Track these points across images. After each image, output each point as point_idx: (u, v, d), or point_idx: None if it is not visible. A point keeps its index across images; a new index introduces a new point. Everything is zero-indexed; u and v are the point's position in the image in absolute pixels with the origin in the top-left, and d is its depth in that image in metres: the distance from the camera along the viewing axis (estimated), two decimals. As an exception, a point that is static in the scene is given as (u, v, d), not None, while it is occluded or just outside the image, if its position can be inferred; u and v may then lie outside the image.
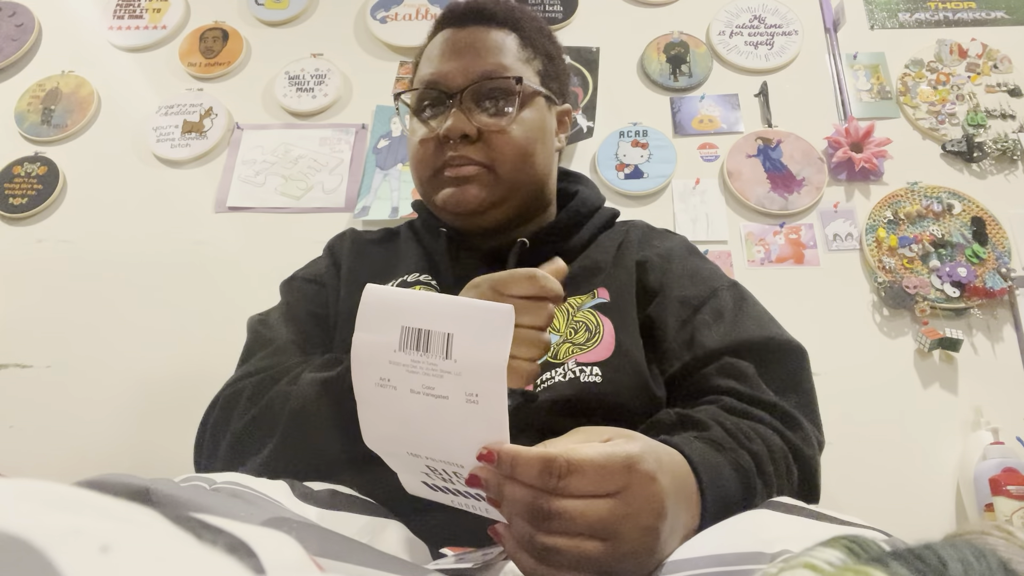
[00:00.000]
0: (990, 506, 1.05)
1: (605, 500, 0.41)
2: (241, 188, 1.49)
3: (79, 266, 1.44)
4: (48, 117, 1.57)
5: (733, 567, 0.37)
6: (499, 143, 0.75)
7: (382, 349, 0.44)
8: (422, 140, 0.78)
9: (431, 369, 0.43)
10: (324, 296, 0.81)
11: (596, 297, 0.73)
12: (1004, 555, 0.27)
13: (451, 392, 0.43)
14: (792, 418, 0.62)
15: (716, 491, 0.49)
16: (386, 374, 0.44)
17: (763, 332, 0.69)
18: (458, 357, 0.42)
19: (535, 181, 0.80)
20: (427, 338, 0.43)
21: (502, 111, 0.76)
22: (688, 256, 0.80)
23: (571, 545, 0.41)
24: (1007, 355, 1.25)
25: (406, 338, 0.44)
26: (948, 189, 1.37)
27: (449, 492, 0.48)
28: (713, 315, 0.71)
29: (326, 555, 0.41)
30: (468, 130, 0.74)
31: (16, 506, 0.19)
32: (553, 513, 0.41)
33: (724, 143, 1.46)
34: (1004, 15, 1.54)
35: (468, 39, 0.78)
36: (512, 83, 0.76)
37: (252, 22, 1.67)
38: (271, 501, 0.49)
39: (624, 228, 0.84)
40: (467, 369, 0.42)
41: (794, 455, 0.60)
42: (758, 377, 0.65)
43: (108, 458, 1.27)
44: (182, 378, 1.31)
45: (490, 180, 0.75)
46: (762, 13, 1.59)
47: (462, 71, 0.76)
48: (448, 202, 0.76)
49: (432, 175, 0.77)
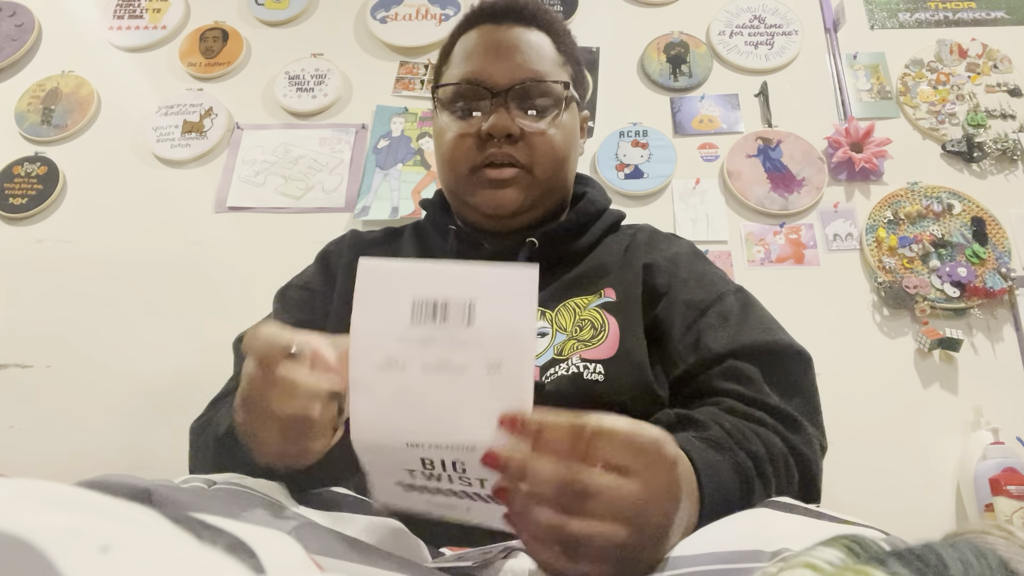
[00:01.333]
0: (990, 506, 1.05)
1: (632, 480, 0.39)
2: (241, 188, 1.49)
3: (79, 266, 1.44)
4: (48, 117, 1.57)
5: (733, 565, 0.37)
6: (541, 145, 0.75)
7: (390, 326, 0.40)
8: (461, 135, 0.76)
9: (449, 341, 0.40)
10: (314, 303, 0.81)
11: (602, 296, 0.73)
12: (1004, 555, 0.27)
13: (471, 363, 0.40)
14: (794, 421, 0.62)
15: (715, 490, 0.49)
16: (393, 353, 0.41)
17: (768, 336, 0.69)
18: (480, 325, 0.40)
19: (565, 186, 0.81)
20: (444, 308, 0.40)
21: (545, 114, 0.76)
22: (695, 260, 0.80)
23: (601, 530, 0.39)
24: (1007, 355, 1.25)
25: (420, 311, 0.40)
26: (948, 189, 1.37)
27: (431, 492, 0.45)
28: (719, 319, 0.71)
29: (326, 554, 0.42)
30: (513, 129, 0.74)
31: (16, 506, 0.19)
32: (589, 489, 0.38)
33: (724, 143, 1.46)
34: (1004, 15, 1.54)
35: (509, 38, 0.77)
36: (559, 87, 0.77)
37: (252, 22, 1.67)
38: (271, 501, 0.49)
39: (631, 231, 0.84)
40: (490, 337, 0.40)
41: (795, 457, 0.60)
42: (762, 381, 0.65)
43: (108, 458, 1.27)
44: (182, 378, 1.31)
45: (528, 183, 0.76)
46: (762, 13, 1.59)
47: (507, 71, 0.75)
48: (486, 204, 0.76)
49: (470, 172, 0.76)
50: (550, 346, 0.70)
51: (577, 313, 0.72)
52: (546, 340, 0.71)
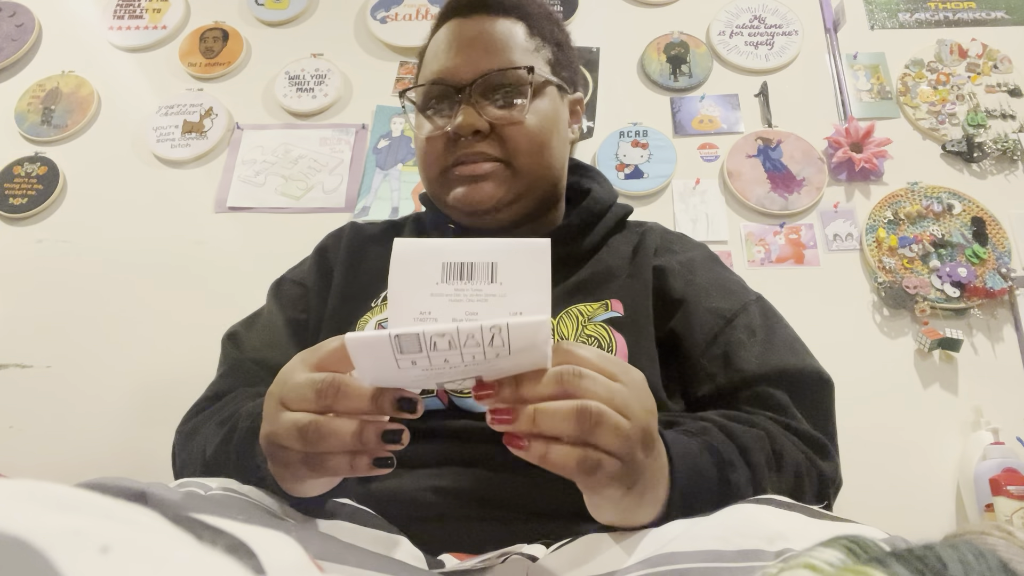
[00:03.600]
0: (990, 506, 1.05)
1: (616, 380, 0.43)
2: (241, 188, 1.49)
3: (79, 266, 1.44)
4: (48, 117, 1.57)
5: (736, 564, 0.37)
6: (514, 135, 0.72)
7: (423, 284, 0.45)
8: (429, 137, 0.74)
9: (476, 295, 0.44)
10: (308, 300, 0.80)
11: (610, 310, 0.70)
12: (1004, 555, 0.27)
13: (496, 313, 0.44)
14: (823, 448, 0.62)
15: (682, 455, 0.50)
16: (426, 307, 0.45)
17: (799, 362, 0.68)
18: (503, 279, 0.44)
19: (552, 175, 0.77)
20: (471, 268, 0.45)
21: (513, 102, 0.73)
22: (712, 266, 0.78)
23: (612, 415, 0.41)
24: (1007, 355, 1.25)
25: (448, 271, 0.45)
26: (948, 189, 1.37)
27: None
28: (747, 333, 0.69)
29: (326, 558, 0.41)
30: (480, 125, 0.71)
31: (16, 507, 0.19)
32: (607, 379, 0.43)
33: (724, 143, 1.46)
34: (1004, 15, 1.54)
35: (474, 31, 0.75)
36: (523, 73, 0.73)
37: (252, 22, 1.67)
38: (267, 507, 0.49)
39: (639, 231, 0.81)
40: (512, 288, 0.44)
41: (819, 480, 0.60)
42: (793, 408, 0.64)
43: (108, 458, 1.27)
44: (182, 378, 1.31)
45: (507, 176, 0.72)
46: (762, 13, 1.59)
47: (470, 65, 0.73)
48: (461, 201, 0.73)
49: (440, 173, 0.74)
50: None
51: (580, 322, 0.69)
52: None
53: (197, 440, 0.66)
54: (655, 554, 0.42)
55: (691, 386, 0.69)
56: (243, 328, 0.81)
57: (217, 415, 0.66)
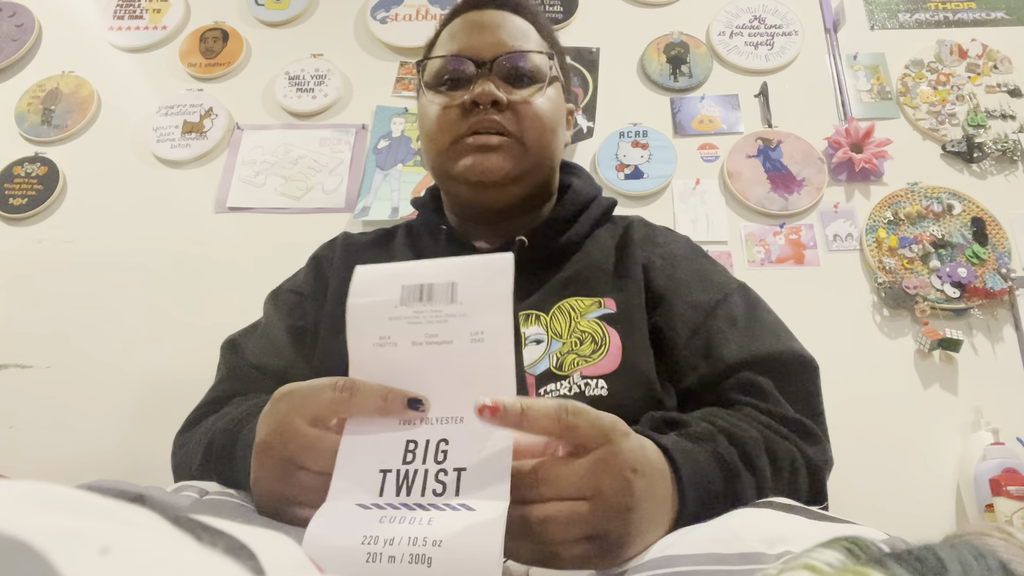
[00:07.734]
0: (990, 507, 1.05)
1: (584, 458, 0.42)
2: (241, 188, 1.49)
3: (79, 266, 1.44)
4: (48, 117, 1.57)
5: (736, 566, 0.37)
6: (528, 114, 0.74)
7: (381, 308, 0.44)
8: (444, 107, 0.75)
9: (435, 316, 0.44)
10: (304, 307, 0.80)
11: (603, 307, 0.71)
12: (1004, 556, 0.27)
13: (456, 335, 0.43)
14: (809, 432, 0.62)
15: (693, 473, 0.48)
16: (386, 331, 0.44)
17: (781, 346, 0.67)
18: (462, 300, 0.44)
19: (552, 163, 0.79)
20: (430, 290, 0.44)
21: (530, 85, 0.76)
22: (694, 257, 0.78)
23: (562, 509, 0.41)
24: (1007, 355, 1.25)
25: (408, 293, 0.44)
26: (948, 189, 1.37)
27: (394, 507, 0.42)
28: (727, 322, 0.69)
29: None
30: (499, 97, 0.72)
31: (16, 508, 0.19)
32: (542, 475, 0.41)
33: (724, 143, 1.46)
34: (1004, 15, 1.54)
35: (493, 18, 0.78)
36: (545, 58, 0.77)
37: (252, 22, 1.67)
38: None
39: (624, 223, 0.82)
40: (473, 308, 0.43)
41: (808, 468, 0.59)
42: (776, 393, 0.64)
43: (108, 459, 1.27)
44: (182, 378, 1.31)
45: (517, 151, 0.74)
46: (762, 13, 1.59)
47: (491, 45, 0.75)
48: (470, 170, 0.73)
49: (452, 143, 0.74)
50: (545, 354, 0.68)
51: (573, 319, 0.70)
52: (541, 347, 0.69)
53: (187, 452, 0.66)
54: (655, 557, 0.42)
55: (675, 378, 0.70)
56: (242, 336, 0.82)
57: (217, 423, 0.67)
